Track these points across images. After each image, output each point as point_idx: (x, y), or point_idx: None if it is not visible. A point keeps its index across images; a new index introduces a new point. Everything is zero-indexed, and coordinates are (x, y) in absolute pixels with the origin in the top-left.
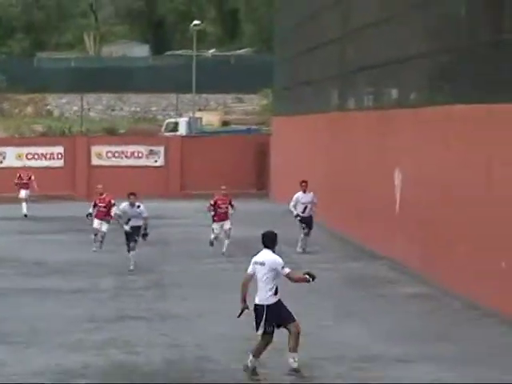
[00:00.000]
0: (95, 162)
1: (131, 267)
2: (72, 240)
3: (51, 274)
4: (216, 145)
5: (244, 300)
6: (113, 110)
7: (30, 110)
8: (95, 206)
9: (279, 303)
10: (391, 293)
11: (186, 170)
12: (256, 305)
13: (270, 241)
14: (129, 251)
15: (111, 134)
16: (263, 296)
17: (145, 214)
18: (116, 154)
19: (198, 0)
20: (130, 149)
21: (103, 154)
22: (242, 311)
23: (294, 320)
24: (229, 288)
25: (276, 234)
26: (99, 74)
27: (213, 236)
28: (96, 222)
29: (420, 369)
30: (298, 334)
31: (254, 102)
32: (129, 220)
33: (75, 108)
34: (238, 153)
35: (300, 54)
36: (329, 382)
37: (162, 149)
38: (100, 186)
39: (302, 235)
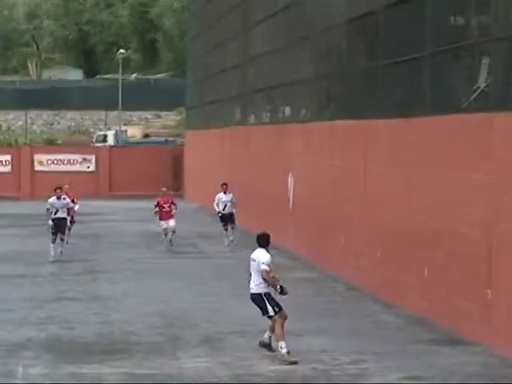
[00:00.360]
0: (37, 167)
1: (52, 258)
2: (19, 233)
3: (1, 262)
4: (139, 153)
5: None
6: (52, 124)
7: None
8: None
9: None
10: (284, 277)
11: (113, 175)
12: (253, 294)
13: (263, 241)
14: (54, 242)
15: (51, 144)
16: (258, 286)
17: (71, 205)
18: (55, 162)
19: (123, 32)
20: (66, 157)
21: (44, 162)
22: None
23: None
24: (150, 273)
25: (269, 236)
26: (40, 94)
27: (162, 231)
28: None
29: (310, 341)
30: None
31: (170, 118)
32: (56, 211)
33: (20, 123)
34: (157, 160)
35: (208, 77)
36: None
37: (93, 157)
38: (67, 186)
39: (224, 231)
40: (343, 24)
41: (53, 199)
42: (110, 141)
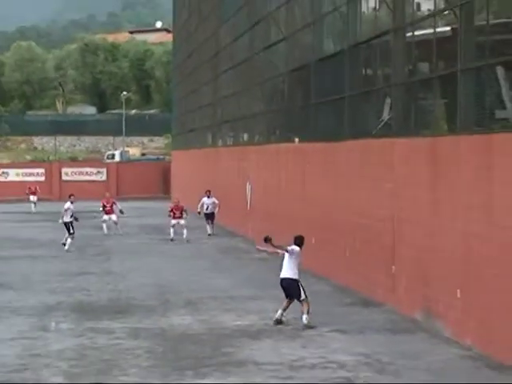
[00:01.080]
0: (64, 177)
1: (72, 248)
2: (52, 226)
3: (38, 247)
4: (138, 167)
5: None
6: (74, 146)
7: (23, 146)
8: (103, 205)
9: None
10: (245, 257)
11: (120, 183)
12: (288, 278)
13: (298, 241)
14: (70, 235)
15: (74, 160)
16: (293, 273)
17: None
18: (77, 173)
19: (126, 79)
20: (85, 170)
21: (69, 173)
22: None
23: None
24: (148, 254)
25: (303, 238)
26: (66, 124)
27: (172, 224)
28: (105, 216)
29: (264, 304)
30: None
31: (160, 142)
32: (71, 215)
33: (51, 145)
34: (151, 172)
35: (187, 112)
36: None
37: (104, 170)
38: (108, 194)
39: (207, 225)
40: (285, 73)
41: (69, 204)
42: (117, 158)
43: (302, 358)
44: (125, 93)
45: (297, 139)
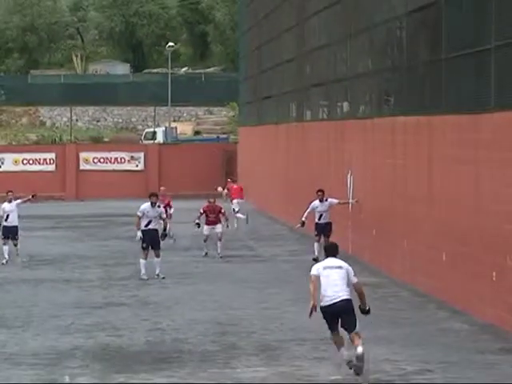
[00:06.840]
0: (83, 166)
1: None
2: (63, 236)
3: (44, 266)
4: (189, 151)
5: None
6: (98, 121)
7: (24, 120)
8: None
9: None
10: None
11: (163, 174)
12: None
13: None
14: (145, 258)
15: (97, 142)
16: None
17: (163, 215)
18: (101, 160)
19: (172, 24)
20: (113, 155)
21: (90, 160)
22: None
23: None
24: (199, 277)
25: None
26: (86, 89)
27: (204, 237)
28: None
29: (373, 349)
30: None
31: (222, 114)
32: (149, 223)
33: (65, 119)
34: (209, 158)
35: (262, 71)
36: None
37: (142, 155)
38: (163, 188)
39: (316, 243)
40: (403, 15)
41: (147, 207)
42: (160, 138)
43: None
44: (171, 44)
45: None
